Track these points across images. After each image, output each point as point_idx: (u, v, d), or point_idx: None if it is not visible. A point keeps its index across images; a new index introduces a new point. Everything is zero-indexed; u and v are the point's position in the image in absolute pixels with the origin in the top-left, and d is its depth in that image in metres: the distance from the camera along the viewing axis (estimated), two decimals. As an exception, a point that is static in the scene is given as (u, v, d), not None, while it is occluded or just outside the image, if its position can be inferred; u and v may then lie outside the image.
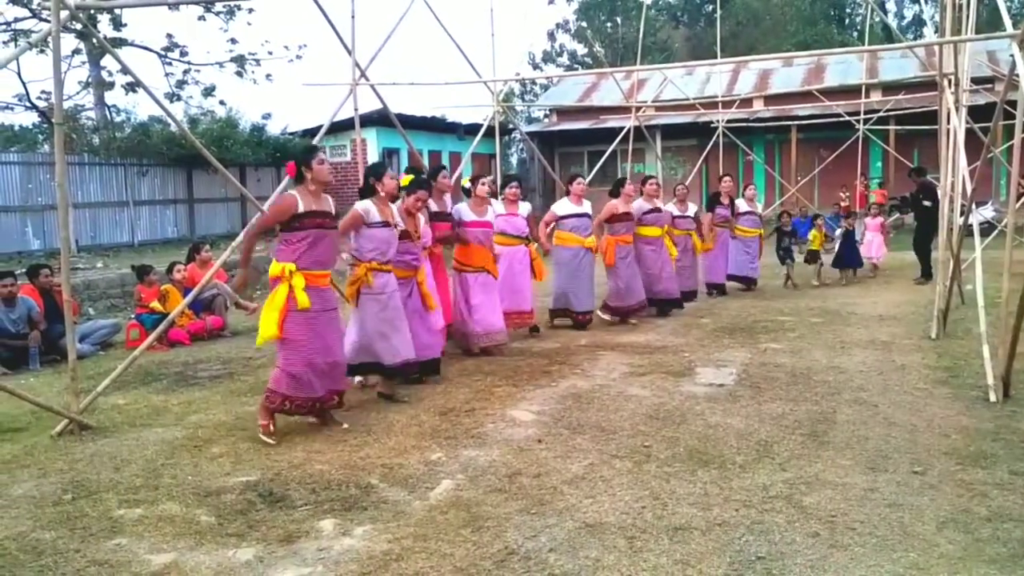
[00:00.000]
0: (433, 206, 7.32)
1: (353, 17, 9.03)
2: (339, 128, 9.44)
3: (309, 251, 5.23)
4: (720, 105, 20.15)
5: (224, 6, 20.50)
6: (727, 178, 12.14)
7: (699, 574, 3.39)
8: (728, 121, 19.88)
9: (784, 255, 12.50)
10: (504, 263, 8.20)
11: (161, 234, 18.61)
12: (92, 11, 15.18)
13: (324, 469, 4.77)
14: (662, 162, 21.73)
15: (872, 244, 13.58)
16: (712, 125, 20.09)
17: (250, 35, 42.14)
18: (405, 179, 6.50)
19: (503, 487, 4.40)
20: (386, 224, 6.01)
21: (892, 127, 20.77)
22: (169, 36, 21.22)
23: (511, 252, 8.38)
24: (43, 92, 20.22)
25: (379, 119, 16.57)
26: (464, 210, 7.80)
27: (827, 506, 4.03)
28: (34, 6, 18.91)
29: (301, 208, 5.19)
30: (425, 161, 13.22)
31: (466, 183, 8.01)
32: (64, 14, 5.65)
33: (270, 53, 22.12)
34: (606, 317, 9.40)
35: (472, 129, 21.68)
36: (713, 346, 8.05)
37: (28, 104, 19.91)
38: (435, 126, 22.92)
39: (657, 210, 9.82)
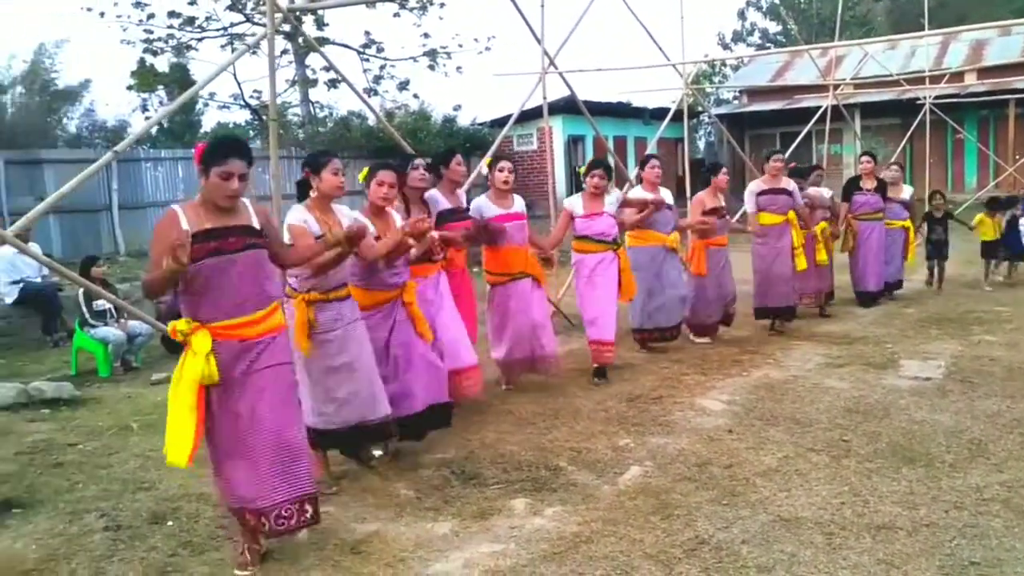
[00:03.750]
0: (444, 202, 5.63)
1: (543, 6, 9.12)
2: (525, 117, 9.59)
3: (210, 292, 3.42)
4: (927, 80, 18.80)
5: (418, 1, 21.26)
6: (865, 158, 9.39)
7: (905, 576, 3.22)
8: (936, 97, 18.51)
9: (933, 250, 10.14)
10: (583, 275, 6.46)
11: (361, 222, 19.56)
12: (299, 13, 16.14)
13: (514, 450, 4.89)
14: (861, 142, 20.58)
15: None
16: (918, 102, 18.77)
17: (441, 29, 43.60)
18: (364, 172, 4.79)
19: (693, 476, 4.35)
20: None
21: None
22: (367, 33, 22.24)
23: (593, 260, 6.42)
24: (255, 91, 21.78)
25: (564, 106, 16.64)
26: (484, 204, 5.97)
27: (1052, 513, 3.71)
28: (247, 11, 20.36)
29: (184, 228, 3.36)
30: (610, 146, 13.18)
31: (487, 164, 6.23)
32: (277, 16, 6.06)
33: (460, 46, 22.69)
34: (700, 341, 7.67)
35: (658, 114, 21.37)
36: (919, 337, 7.56)
37: (242, 103, 21.48)
38: (620, 112, 22.75)
39: (781, 191, 7.85)
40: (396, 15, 21.94)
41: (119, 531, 3.99)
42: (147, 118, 21.97)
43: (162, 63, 21.17)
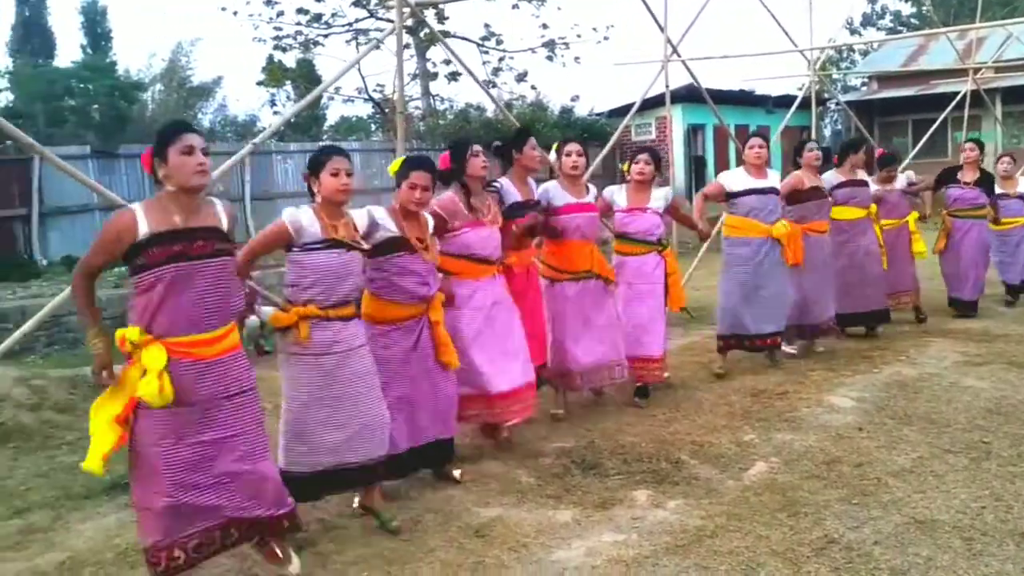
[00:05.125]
0: (514, 193, 5.00)
1: (666, -7, 9.00)
2: (643, 106, 9.43)
3: (168, 303, 3.00)
4: (1079, 62, 17.56)
5: (537, -8, 21.30)
6: (969, 145, 8.23)
7: (1054, 587, 3.04)
8: (1088, 80, 17.30)
9: None
10: (622, 281, 5.57)
11: (479, 212, 19.87)
12: (422, 8, 16.45)
13: (635, 441, 4.86)
14: (1003, 129, 19.44)
15: None
16: (1067, 85, 17.60)
17: (560, 19, 43.62)
18: (395, 164, 4.17)
19: (821, 474, 4.23)
20: (333, 244, 3.60)
21: None
22: (487, 26, 22.44)
23: (634, 264, 5.60)
24: (378, 85, 22.27)
25: (684, 95, 16.37)
26: (554, 190, 5.23)
27: None
28: (371, 7, 20.86)
29: (143, 230, 2.98)
30: (732, 135, 12.87)
31: (556, 147, 5.42)
32: (405, 11, 6.19)
33: (579, 36, 22.62)
34: (790, 350, 6.74)
35: (782, 101, 20.76)
36: (1067, 336, 7.11)
37: (366, 96, 22.04)
38: (742, 100, 22.23)
39: (857, 183, 7.12)
40: (515, 7, 22.06)
41: (255, 506, 4.18)
42: (275, 112, 22.88)
43: (289, 59, 21.94)
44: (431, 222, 4.22)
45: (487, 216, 4.66)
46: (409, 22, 15.80)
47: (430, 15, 20.97)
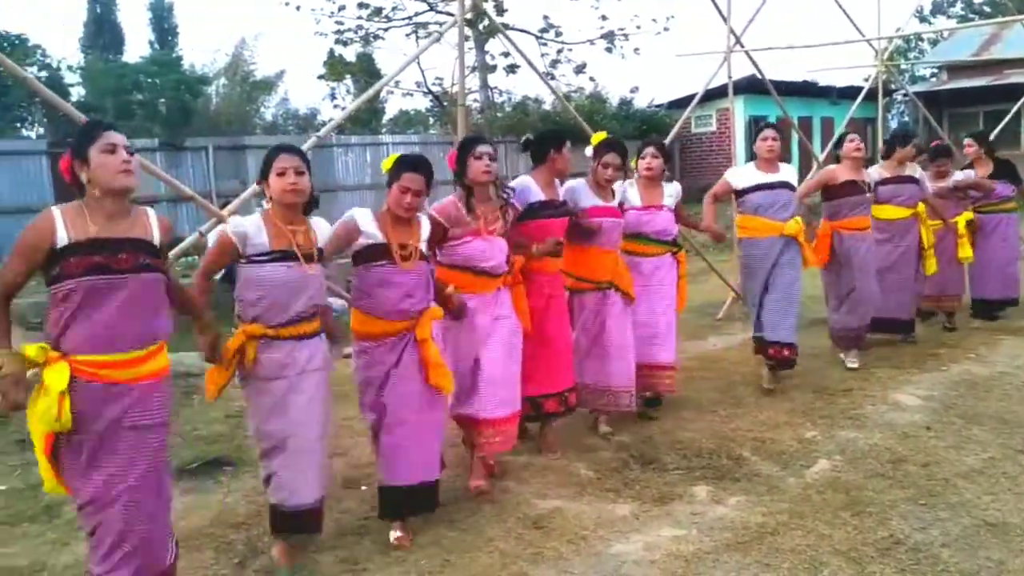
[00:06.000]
0: (537, 192, 4.50)
1: (728, -17, 8.86)
2: (703, 98, 9.24)
3: (80, 317, 2.70)
4: None
5: (597, -17, 21.14)
6: (968, 141, 7.77)
7: None
8: None
9: None
10: (636, 284, 5.02)
11: (535, 205, 19.81)
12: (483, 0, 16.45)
13: (694, 437, 4.82)
14: (1080, 121, 18.74)
15: None
16: None
17: (619, 10, 43.26)
18: (388, 161, 3.72)
19: (886, 473, 4.15)
20: (283, 256, 3.28)
21: None
22: (545, 18, 22.37)
23: (650, 265, 5.16)
24: (436, 78, 22.39)
25: (746, 86, 16.12)
26: (581, 190, 4.78)
27: None
28: (431, 0, 20.95)
29: (62, 238, 2.69)
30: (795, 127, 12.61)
31: (596, 141, 4.87)
32: (466, 3, 6.20)
33: (638, 27, 22.41)
34: (851, 363, 6.23)
35: (846, 92, 20.32)
36: None
37: (425, 90, 22.15)
38: (805, 91, 21.82)
39: (907, 180, 6.57)
40: (574, -2, 21.99)
41: (317, 493, 4.25)
42: (335, 106, 23.13)
43: (349, 53, 22.16)
44: (425, 228, 3.77)
45: (492, 225, 4.15)
46: (469, 15, 15.87)
47: (489, 7, 21.03)
